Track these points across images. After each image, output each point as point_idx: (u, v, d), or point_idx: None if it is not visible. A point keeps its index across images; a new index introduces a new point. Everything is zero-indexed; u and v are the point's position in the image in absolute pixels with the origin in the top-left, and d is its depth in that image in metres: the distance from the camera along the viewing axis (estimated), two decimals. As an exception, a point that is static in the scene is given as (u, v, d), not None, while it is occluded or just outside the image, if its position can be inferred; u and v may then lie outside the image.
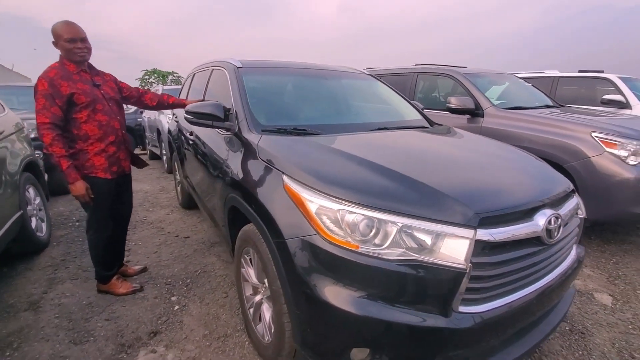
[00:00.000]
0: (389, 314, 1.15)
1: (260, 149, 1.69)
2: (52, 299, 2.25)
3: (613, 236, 3.26)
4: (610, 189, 2.65)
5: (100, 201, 2.09)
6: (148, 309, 2.16)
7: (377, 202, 1.21)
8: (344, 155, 1.53)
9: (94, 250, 2.22)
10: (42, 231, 3.01)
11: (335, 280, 1.21)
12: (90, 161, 2.03)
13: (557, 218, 1.33)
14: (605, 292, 2.41)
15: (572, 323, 2.08)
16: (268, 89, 2.43)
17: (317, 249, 1.23)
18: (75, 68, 1.99)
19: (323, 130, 1.95)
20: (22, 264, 2.68)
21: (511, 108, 3.52)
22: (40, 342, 1.86)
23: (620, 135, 2.70)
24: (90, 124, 2.01)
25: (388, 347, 1.18)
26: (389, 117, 2.52)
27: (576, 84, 5.44)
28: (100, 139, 2.05)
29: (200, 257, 2.86)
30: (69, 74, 1.96)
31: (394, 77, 4.71)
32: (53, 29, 1.95)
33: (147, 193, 4.81)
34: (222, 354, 1.80)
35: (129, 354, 1.79)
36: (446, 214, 1.19)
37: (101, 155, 2.06)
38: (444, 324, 1.13)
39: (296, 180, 1.38)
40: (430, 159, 1.66)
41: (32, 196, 2.95)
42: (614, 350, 1.87)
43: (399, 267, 1.15)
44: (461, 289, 1.14)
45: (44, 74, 1.90)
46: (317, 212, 1.26)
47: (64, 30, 1.93)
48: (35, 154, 3.47)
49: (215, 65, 2.80)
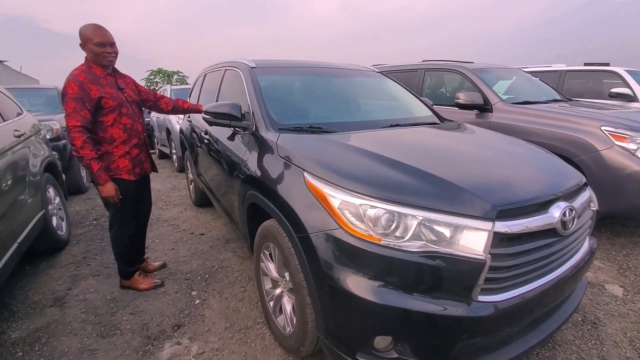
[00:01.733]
0: (410, 302, 1.20)
1: (280, 147, 1.74)
2: (77, 295, 2.33)
3: (623, 229, 3.28)
4: (620, 182, 2.67)
5: (125, 202, 2.15)
6: (170, 303, 2.23)
7: (397, 197, 1.26)
8: (361, 152, 1.58)
9: (117, 248, 2.29)
10: (63, 230, 3.10)
11: (358, 271, 1.26)
12: (115, 163, 2.09)
13: (571, 210, 1.38)
14: (616, 283, 2.44)
15: (585, 314, 2.12)
16: (282, 88, 2.48)
17: (340, 243, 1.28)
18: (102, 72, 2.04)
19: (337, 128, 2.00)
20: (44, 262, 2.77)
21: (520, 103, 3.54)
22: (69, 337, 1.94)
23: (629, 129, 2.72)
24: (116, 127, 2.07)
25: (410, 335, 1.24)
26: (400, 114, 2.56)
27: (583, 78, 5.43)
28: (125, 142, 2.11)
29: (216, 253, 2.93)
30: (97, 78, 1.99)
31: (401, 74, 4.73)
32: (82, 31, 1.98)
33: (159, 192, 4.89)
34: (244, 345, 1.87)
35: (155, 346, 1.87)
36: (465, 207, 1.24)
37: (125, 157, 2.12)
38: (464, 313, 1.18)
39: (317, 176, 1.43)
40: (445, 154, 1.71)
41: (52, 196, 3.03)
42: (626, 340, 1.91)
43: (420, 258, 1.20)
44: (481, 279, 1.19)
45: (73, 78, 1.93)
46: (339, 207, 1.31)
47: (94, 34, 1.96)
48: (52, 155, 3.56)
49: (228, 65, 2.85)
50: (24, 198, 2.36)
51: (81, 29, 1.98)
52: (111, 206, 2.16)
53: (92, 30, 1.97)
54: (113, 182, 2.05)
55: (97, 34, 1.97)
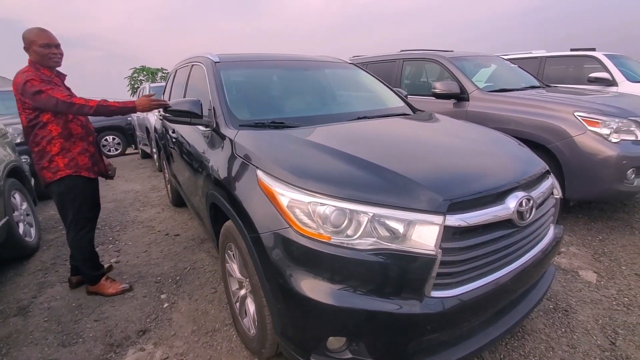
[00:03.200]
0: (362, 302, 1.16)
1: (236, 145, 1.68)
2: (42, 303, 2.26)
3: (600, 214, 3.29)
4: (594, 168, 2.66)
5: (84, 202, 2.14)
6: (137, 308, 2.17)
7: (347, 193, 1.22)
8: (317, 147, 1.53)
9: (79, 252, 2.22)
10: (31, 236, 3.01)
11: (309, 272, 1.22)
12: (75, 160, 2.09)
13: (528, 200, 1.34)
14: (590, 269, 2.44)
15: (556, 301, 2.11)
16: (247, 82, 2.41)
17: (290, 242, 1.23)
18: (50, 73, 2.03)
19: (302, 122, 1.94)
20: (11, 270, 2.69)
21: (496, 91, 3.51)
22: (29, 347, 1.87)
23: (602, 114, 2.70)
24: (74, 123, 2.10)
25: (363, 335, 1.20)
26: (370, 105, 2.51)
27: (564, 63, 5.42)
28: (82, 138, 2.14)
29: (190, 254, 2.87)
30: (48, 78, 1.98)
31: (380, 65, 4.67)
32: (26, 35, 1.99)
33: (137, 193, 4.80)
34: (210, 348, 1.82)
35: (118, 353, 1.81)
36: (415, 201, 1.19)
37: (85, 155, 2.14)
38: (416, 310, 1.15)
39: (269, 174, 1.38)
40: (405, 146, 1.66)
41: (19, 202, 2.94)
42: (598, 327, 1.90)
43: (371, 256, 1.16)
44: (432, 274, 1.15)
45: (29, 76, 1.91)
46: (289, 205, 1.26)
47: (39, 37, 1.98)
48: (22, 159, 3.45)
49: (194, 61, 2.76)
50: (-19, 205, 2.27)
51: (25, 33, 1.99)
52: (69, 208, 2.12)
53: (36, 32, 1.99)
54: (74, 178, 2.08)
55: (42, 36, 1.98)
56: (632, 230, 2.93)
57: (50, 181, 2.06)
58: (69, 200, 2.11)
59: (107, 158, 7.78)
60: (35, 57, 1.98)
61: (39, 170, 2.06)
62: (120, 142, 8.62)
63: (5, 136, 3.29)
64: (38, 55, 1.97)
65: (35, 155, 2.04)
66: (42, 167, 2.04)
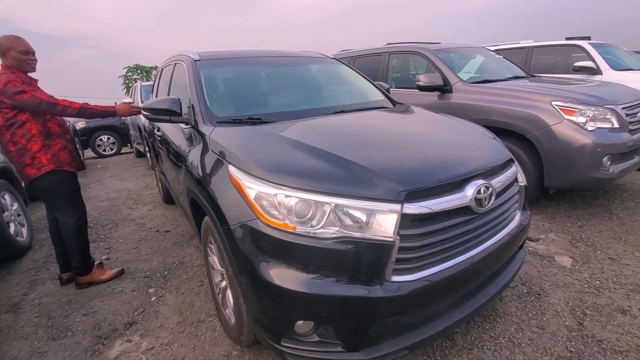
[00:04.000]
0: (326, 288, 1.23)
1: (211, 141, 1.73)
2: (33, 300, 2.33)
3: (581, 201, 3.36)
4: (571, 156, 2.72)
5: (74, 191, 2.31)
6: (125, 302, 2.24)
7: (310, 185, 1.27)
8: (286, 142, 1.59)
9: (77, 242, 2.33)
10: (23, 236, 3.07)
11: (277, 260, 1.28)
12: (57, 156, 2.19)
13: (487, 188, 1.40)
14: (566, 254, 2.51)
15: (530, 286, 2.18)
16: (226, 80, 2.46)
17: (257, 233, 1.29)
18: (25, 77, 2.13)
19: (279, 118, 1.99)
20: (4, 269, 2.76)
21: (479, 82, 3.55)
22: (19, 341, 1.94)
23: (578, 102, 2.75)
24: (52, 122, 2.21)
25: (327, 319, 1.26)
26: (349, 99, 2.55)
27: (552, 53, 5.45)
28: (61, 136, 2.25)
29: (179, 249, 2.94)
30: (28, 80, 2.12)
31: (367, 58, 4.71)
32: (4, 41, 2.08)
33: (130, 191, 4.85)
34: (194, 338, 1.89)
35: (105, 345, 1.88)
36: (374, 190, 1.25)
37: (64, 151, 2.25)
38: (377, 294, 1.21)
39: (239, 168, 1.44)
40: (373, 138, 1.71)
41: (9, 202, 2.99)
42: (567, 309, 1.97)
43: (333, 244, 1.22)
44: (391, 260, 1.22)
45: (9, 78, 2.00)
46: (256, 197, 1.32)
47: (17, 43, 2.10)
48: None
49: (177, 59, 2.80)
50: (-30, 206, 2.33)
51: (2, 40, 2.08)
52: (61, 198, 2.25)
53: (14, 39, 2.11)
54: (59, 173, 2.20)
55: (21, 42, 2.12)
56: (611, 216, 3.00)
57: (34, 177, 2.14)
58: (59, 191, 2.23)
59: (104, 158, 7.76)
60: (12, 62, 2.08)
61: (20, 168, 2.14)
62: (115, 141, 8.66)
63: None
64: (16, 60, 2.08)
65: (14, 154, 2.12)
66: (25, 165, 2.12)
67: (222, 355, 1.75)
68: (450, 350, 1.71)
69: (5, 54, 2.06)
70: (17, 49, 2.07)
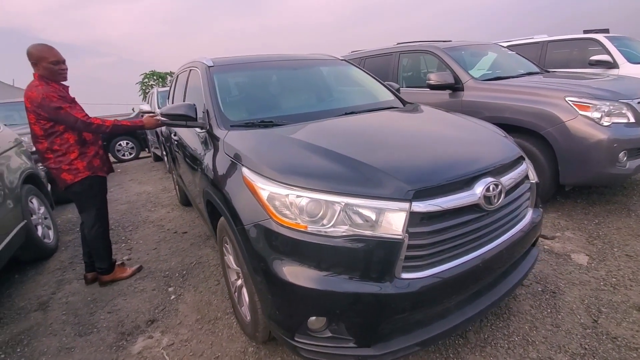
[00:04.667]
0: (338, 285, 1.27)
1: (225, 144, 1.80)
2: (60, 298, 2.45)
3: (599, 197, 3.29)
4: (586, 152, 2.67)
5: (103, 195, 2.46)
6: (146, 300, 2.34)
7: (320, 185, 1.32)
8: (298, 143, 1.64)
9: (102, 243, 2.48)
10: (50, 238, 3.22)
11: (289, 258, 1.33)
12: (91, 163, 2.33)
13: (496, 185, 1.41)
14: (583, 252, 2.47)
15: (545, 284, 2.16)
16: (238, 84, 2.53)
17: (270, 232, 1.35)
18: (61, 89, 2.21)
19: (290, 120, 2.04)
20: (32, 270, 2.90)
21: (491, 79, 3.52)
22: (49, 337, 2.06)
23: (593, 97, 2.70)
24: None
25: (339, 315, 1.30)
26: (358, 100, 2.58)
27: (567, 47, 5.33)
28: (93, 143, 2.38)
29: (196, 249, 3.03)
30: (62, 93, 2.19)
31: (377, 58, 4.72)
32: (34, 51, 2.14)
33: (149, 194, 5.00)
34: (212, 334, 1.96)
35: (129, 341, 1.97)
36: (383, 190, 1.29)
37: (97, 157, 2.39)
38: (387, 290, 1.24)
39: (252, 170, 1.49)
40: (380, 138, 1.74)
41: (36, 206, 3.15)
42: (583, 307, 1.95)
43: (344, 242, 1.26)
44: (400, 257, 1.25)
45: (46, 92, 2.08)
46: (268, 198, 1.37)
47: (49, 54, 2.16)
48: (39, 167, 3.67)
49: (191, 65, 2.89)
50: (1, 210, 2.46)
51: (33, 50, 2.14)
52: (92, 204, 2.38)
53: (46, 49, 2.17)
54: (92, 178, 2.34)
55: (53, 53, 2.17)
56: (629, 213, 2.93)
57: (71, 183, 2.28)
58: (91, 197, 2.37)
59: (123, 162, 8.00)
60: (45, 72, 2.16)
61: (57, 174, 2.27)
62: (133, 146, 8.92)
63: (21, 145, 3.50)
64: (48, 71, 2.16)
65: (52, 161, 2.24)
66: (62, 171, 2.25)
67: (238, 351, 1.82)
68: (462, 348, 1.72)
69: (37, 64, 2.14)
70: (48, 59, 2.14)
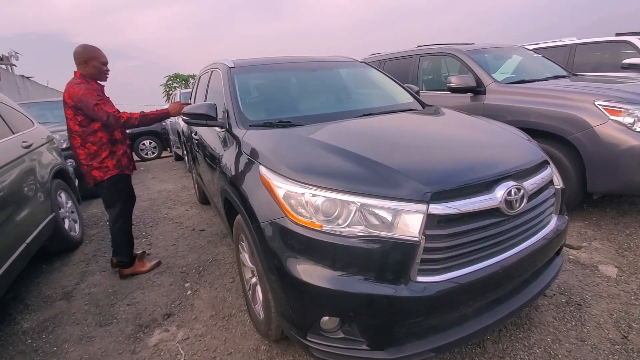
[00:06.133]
0: (352, 285, 1.25)
1: (244, 143, 1.82)
2: (83, 289, 2.54)
3: (630, 207, 3.13)
4: (617, 159, 2.55)
5: (129, 194, 2.57)
6: (164, 295, 2.39)
7: (336, 184, 1.31)
8: (315, 143, 1.64)
9: (126, 237, 2.59)
10: (76, 231, 3.35)
11: (303, 257, 1.32)
12: (120, 162, 2.43)
13: (518, 190, 1.36)
14: (612, 264, 2.35)
15: (570, 295, 2.07)
16: (258, 85, 2.56)
17: (286, 230, 1.35)
18: (99, 88, 2.35)
19: (308, 121, 2.05)
20: (58, 261, 3.02)
21: (515, 82, 3.42)
22: (72, 326, 2.13)
23: (626, 102, 2.57)
24: (117, 130, 2.44)
25: (353, 316, 1.29)
26: (377, 102, 2.57)
27: (597, 50, 5.12)
28: (122, 142, 2.48)
29: (212, 247, 3.07)
30: (100, 93, 2.31)
31: (397, 61, 4.68)
32: (85, 51, 2.26)
33: (170, 192, 5.13)
34: (226, 331, 1.98)
35: (146, 333, 2.02)
36: (400, 191, 1.26)
37: (125, 156, 2.49)
38: (401, 293, 1.22)
39: (269, 168, 1.50)
40: (398, 139, 1.72)
41: (64, 200, 3.28)
42: (611, 321, 1.85)
43: (359, 242, 1.25)
44: (416, 260, 1.22)
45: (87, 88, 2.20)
46: (284, 196, 1.38)
47: (100, 54, 2.31)
48: (68, 163, 3.84)
49: (213, 67, 2.96)
50: (32, 202, 2.58)
51: (83, 49, 2.26)
52: (118, 200, 2.49)
53: (96, 50, 2.31)
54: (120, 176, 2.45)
55: (102, 54, 2.32)
56: (664, 224, 2.77)
57: (100, 180, 2.39)
58: (117, 194, 2.48)
59: (146, 161, 8.24)
60: (91, 72, 2.28)
61: (88, 171, 2.38)
62: (156, 145, 9.19)
63: (52, 142, 3.67)
64: (96, 70, 2.29)
65: (83, 158, 2.34)
66: (93, 168, 2.36)
67: (251, 348, 1.82)
68: (480, 358, 1.67)
69: (87, 62, 2.26)
70: (99, 59, 2.28)
